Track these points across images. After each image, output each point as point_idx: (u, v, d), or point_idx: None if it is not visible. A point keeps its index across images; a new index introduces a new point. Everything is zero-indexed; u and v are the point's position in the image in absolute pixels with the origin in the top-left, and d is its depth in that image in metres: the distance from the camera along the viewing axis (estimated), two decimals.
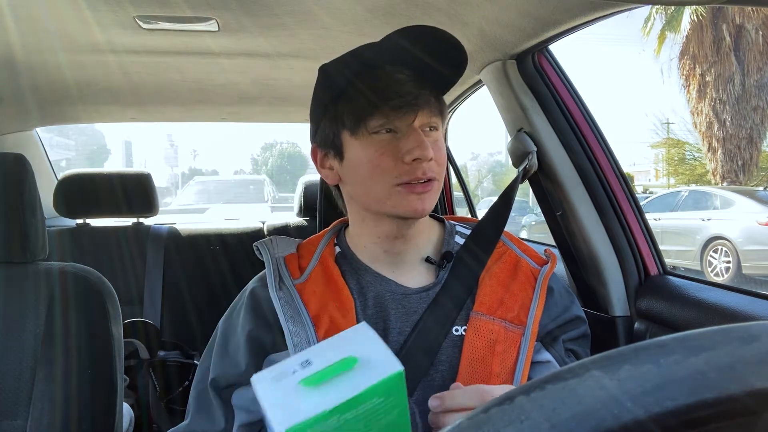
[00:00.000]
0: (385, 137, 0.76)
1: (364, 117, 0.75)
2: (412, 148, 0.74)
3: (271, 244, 0.86)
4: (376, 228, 0.82)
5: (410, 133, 0.75)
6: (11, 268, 1.05)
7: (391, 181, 0.75)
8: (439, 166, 0.78)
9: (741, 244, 7.81)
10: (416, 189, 0.76)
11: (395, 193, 0.76)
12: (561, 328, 0.83)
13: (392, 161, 0.75)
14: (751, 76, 12.14)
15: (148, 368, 1.83)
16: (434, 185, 0.77)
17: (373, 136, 0.76)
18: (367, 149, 0.76)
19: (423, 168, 0.75)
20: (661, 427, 0.24)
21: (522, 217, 12.44)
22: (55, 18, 1.27)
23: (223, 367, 0.81)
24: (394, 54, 0.78)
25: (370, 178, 0.77)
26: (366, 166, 0.77)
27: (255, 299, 0.83)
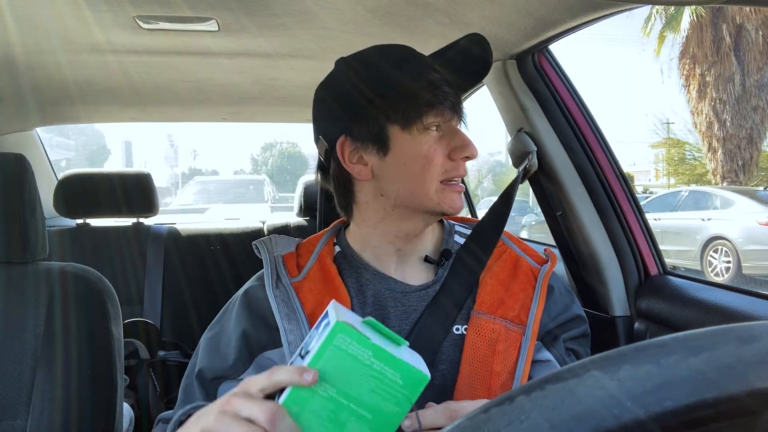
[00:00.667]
0: (436, 134, 0.78)
1: (421, 113, 0.77)
2: (462, 146, 0.78)
3: (270, 242, 0.87)
4: (401, 225, 0.81)
5: (457, 132, 0.80)
6: (11, 268, 1.05)
7: (438, 177, 0.78)
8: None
9: (741, 244, 7.81)
10: (456, 187, 0.79)
11: (440, 189, 0.78)
12: (561, 327, 0.83)
13: (442, 157, 0.78)
14: (751, 76, 12.14)
15: (148, 368, 1.83)
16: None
17: (427, 131, 0.78)
18: (421, 145, 0.77)
19: (464, 167, 0.80)
20: (661, 427, 0.24)
21: (522, 217, 12.44)
22: (55, 18, 1.27)
23: (211, 360, 0.80)
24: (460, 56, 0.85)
25: (421, 173, 0.77)
26: (419, 162, 0.77)
27: (251, 297, 0.83)
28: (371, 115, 0.78)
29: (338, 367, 0.52)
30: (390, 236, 0.82)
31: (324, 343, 0.53)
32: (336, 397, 0.52)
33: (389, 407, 0.53)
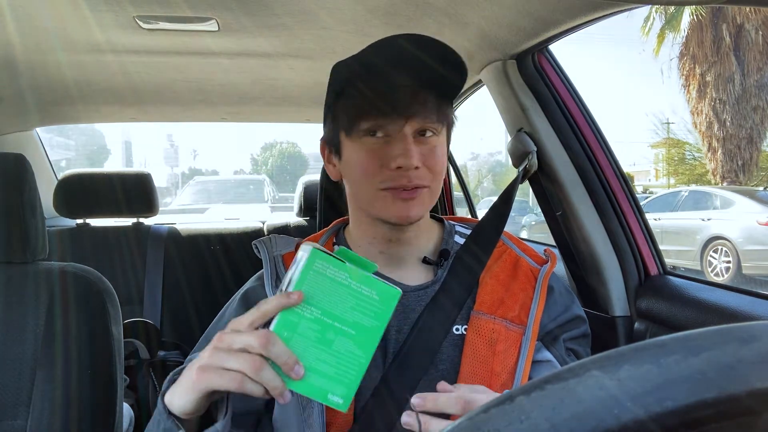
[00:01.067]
0: (374, 141, 0.76)
1: (356, 119, 0.76)
2: (397, 155, 0.73)
3: (270, 242, 0.87)
4: (371, 229, 0.82)
5: (399, 139, 0.75)
6: (11, 268, 1.05)
7: (377, 185, 0.76)
8: (432, 174, 0.76)
9: (741, 244, 7.81)
10: (401, 195, 0.75)
11: (381, 197, 0.76)
12: (562, 327, 0.83)
13: (378, 166, 0.75)
14: (751, 76, 12.14)
15: (148, 368, 1.83)
16: (423, 193, 0.76)
17: (364, 138, 0.76)
18: (358, 151, 0.77)
19: (408, 176, 0.74)
20: (661, 427, 0.24)
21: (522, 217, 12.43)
22: (55, 18, 1.27)
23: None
24: (397, 56, 0.77)
25: (359, 180, 0.78)
26: (356, 168, 0.78)
27: (251, 297, 0.83)
28: (330, 121, 0.82)
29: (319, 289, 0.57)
30: (368, 237, 0.83)
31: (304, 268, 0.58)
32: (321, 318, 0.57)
33: (369, 322, 0.58)
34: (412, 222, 0.78)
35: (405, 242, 0.82)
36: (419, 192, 0.76)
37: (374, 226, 0.82)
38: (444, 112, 0.79)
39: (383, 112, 0.74)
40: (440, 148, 0.79)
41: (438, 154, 0.77)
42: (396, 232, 0.80)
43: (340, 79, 0.80)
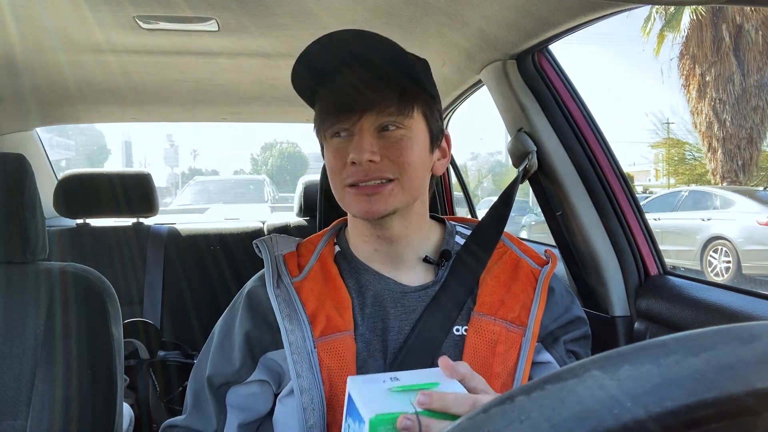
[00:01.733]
0: (337, 141, 0.77)
1: (321, 124, 0.79)
2: (351, 150, 0.75)
3: (271, 242, 0.87)
4: (359, 227, 0.83)
5: (355, 135, 0.76)
6: (11, 268, 1.05)
7: (341, 182, 0.77)
8: (396, 165, 0.75)
9: (741, 244, 7.81)
10: (363, 190, 0.76)
11: (346, 194, 0.78)
12: (562, 328, 0.83)
13: (341, 163, 0.76)
14: (751, 76, 12.14)
15: (148, 368, 1.83)
16: (387, 187, 0.75)
17: (330, 140, 0.78)
18: (327, 152, 0.80)
19: (365, 170, 0.74)
20: (661, 427, 0.24)
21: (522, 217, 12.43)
22: (56, 18, 1.27)
23: (219, 365, 0.81)
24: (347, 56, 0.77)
25: (331, 179, 0.80)
26: (327, 168, 0.80)
27: (253, 298, 0.83)
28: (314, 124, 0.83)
29: None
30: (362, 236, 0.83)
31: None
32: None
33: None
34: (380, 216, 0.77)
35: (395, 240, 0.81)
36: (383, 187, 0.75)
37: (360, 224, 0.83)
38: (407, 105, 0.76)
39: (339, 112, 0.76)
40: (407, 140, 0.76)
41: (404, 146, 0.76)
42: (377, 228, 0.80)
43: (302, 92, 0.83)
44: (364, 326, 0.78)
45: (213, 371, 0.81)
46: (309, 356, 0.75)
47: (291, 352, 0.75)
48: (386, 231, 0.80)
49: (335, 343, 0.76)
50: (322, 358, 0.75)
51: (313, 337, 0.76)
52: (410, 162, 0.76)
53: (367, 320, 0.79)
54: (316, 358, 0.75)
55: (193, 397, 0.83)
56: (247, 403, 0.80)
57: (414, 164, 0.77)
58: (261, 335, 0.80)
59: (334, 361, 0.75)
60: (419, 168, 0.78)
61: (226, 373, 0.80)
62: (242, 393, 0.80)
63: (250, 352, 0.80)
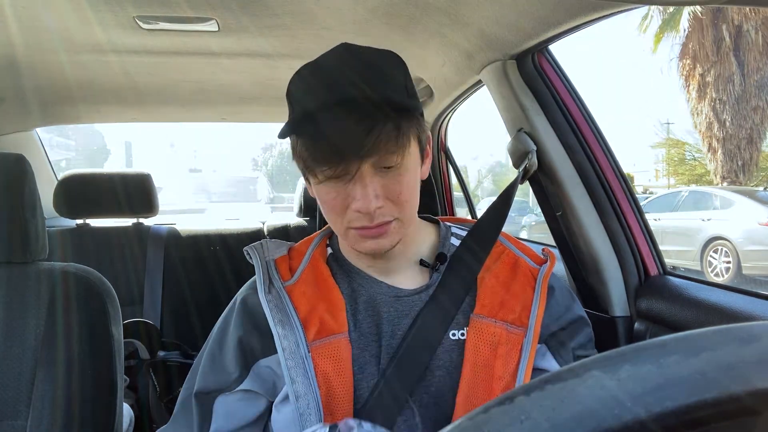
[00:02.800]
0: (334, 182, 0.72)
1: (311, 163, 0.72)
2: (356, 198, 0.71)
3: (261, 247, 0.85)
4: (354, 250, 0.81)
5: (356, 181, 0.71)
6: (12, 268, 1.05)
7: (344, 224, 0.74)
8: (397, 206, 0.73)
9: (741, 244, 7.81)
10: (369, 233, 0.73)
11: (350, 234, 0.75)
12: (566, 330, 0.82)
13: (342, 206, 0.73)
14: (750, 76, 12.15)
15: (148, 368, 1.83)
16: (390, 226, 0.74)
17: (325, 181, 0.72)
18: (320, 190, 0.75)
19: (370, 217, 0.72)
20: (661, 426, 0.24)
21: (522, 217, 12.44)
22: (56, 18, 1.27)
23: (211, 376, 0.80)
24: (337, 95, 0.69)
25: (328, 216, 0.77)
26: (323, 205, 0.76)
27: (245, 305, 0.82)
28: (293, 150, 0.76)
29: None
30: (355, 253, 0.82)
31: None
32: None
33: None
34: (387, 251, 0.76)
35: (392, 256, 0.81)
36: (387, 227, 0.73)
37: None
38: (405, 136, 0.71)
39: (335, 161, 0.69)
40: (405, 176, 0.73)
41: (403, 181, 0.73)
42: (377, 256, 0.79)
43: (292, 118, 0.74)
44: (358, 331, 0.77)
45: (203, 380, 0.81)
46: (303, 361, 0.73)
47: (285, 357, 0.74)
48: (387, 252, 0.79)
49: (330, 346, 0.75)
50: (317, 362, 0.74)
51: (307, 341, 0.75)
52: (409, 198, 0.74)
53: (360, 324, 0.78)
54: (311, 362, 0.74)
55: (181, 405, 0.83)
56: (234, 410, 0.79)
57: (412, 198, 0.75)
58: (254, 342, 0.79)
59: (329, 364, 0.74)
60: (415, 197, 0.77)
61: (217, 381, 0.79)
62: (230, 400, 0.79)
63: (243, 359, 0.79)
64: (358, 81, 0.69)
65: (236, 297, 0.85)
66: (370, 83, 0.69)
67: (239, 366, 0.78)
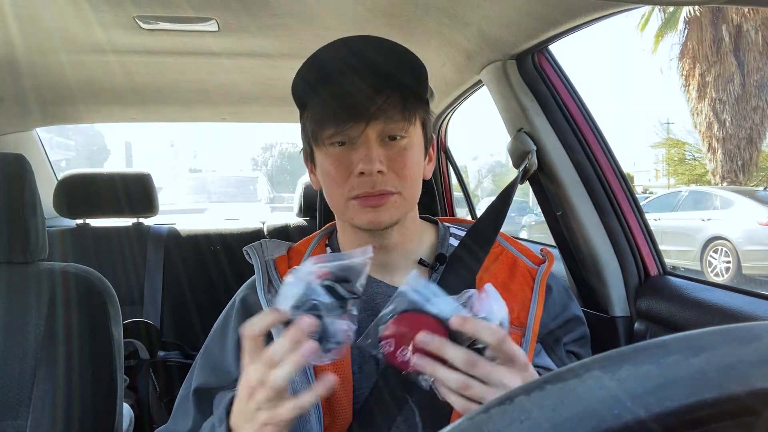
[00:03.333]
0: (339, 149, 0.74)
1: (319, 129, 0.74)
2: (359, 160, 0.72)
3: (261, 247, 0.85)
4: (354, 237, 0.81)
5: (361, 145, 0.73)
6: (12, 268, 1.05)
7: (345, 194, 0.75)
8: (400, 179, 0.74)
9: (741, 244, 7.81)
10: (369, 202, 0.74)
11: (351, 206, 0.75)
12: (562, 328, 0.83)
13: (345, 174, 0.74)
14: (750, 76, 12.15)
15: (148, 368, 1.83)
16: (391, 198, 0.74)
17: (329, 147, 0.75)
18: (325, 160, 0.76)
19: (373, 181, 0.72)
20: (661, 426, 0.24)
21: (522, 217, 12.44)
22: (56, 18, 1.27)
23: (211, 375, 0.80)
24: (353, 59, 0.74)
25: (330, 190, 0.77)
26: (325, 178, 0.77)
27: (245, 305, 0.82)
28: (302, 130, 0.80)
29: None
30: (354, 244, 0.82)
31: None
32: None
33: None
34: (385, 227, 0.77)
35: (392, 248, 0.81)
36: (387, 198, 0.74)
37: (356, 234, 0.81)
38: (411, 112, 0.75)
39: (342, 119, 0.72)
40: (410, 150, 0.76)
41: (407, 156, 0.75)
42: (376, 238, 0.79)
43: (299, 90, 0.79)
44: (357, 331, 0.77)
45: (202, 378, 0.81)
46: None
47: None
48: (385, 240, 0.79)
49: None
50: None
51: None
52: (412, 174, 0.76)
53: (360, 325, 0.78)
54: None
55: (180, 403, 0.83)
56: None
57: (414, 176, 0.77)
58: None
59: (328, 365, 0.74)
60: (418, 178, 0.78)
61: (217, 380, 0.79)
62: (229, 397, 0.79)
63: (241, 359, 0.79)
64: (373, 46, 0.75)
65: (235, 296, 0.85)
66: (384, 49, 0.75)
67: (239, 366, 0.78)
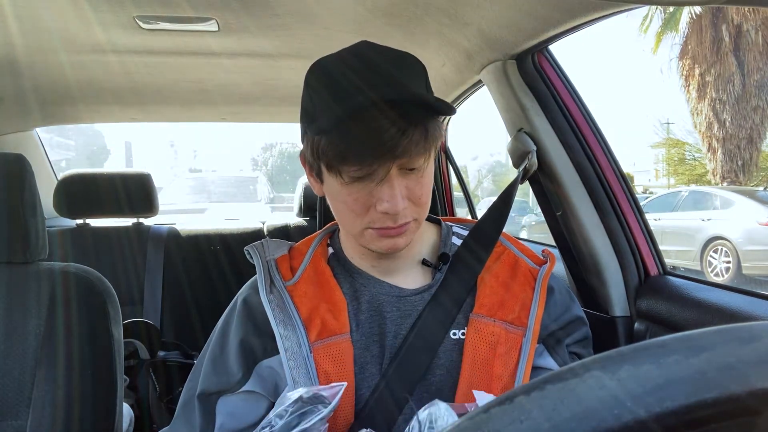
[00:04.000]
0: (359, 184, 0.71)
1: (338, 161, 0.70)
2: (384, 200, 0.70)
3: (262, 247, 0.85)
4: (360, 248, 0.81)
5: (384, 182, 0.70)
6: (12, 268, 1.05)
7: (363, 224, 0.74)
8: (418, 207, 0.74)
9: (741, 244, 7.81)
10: (389, 233, 0.73)
11: (367, 234, 0.74)
12: (564, 329, 0.82)
13: (364, 207, 0.72)
14: (750, 76, 12.15)
15: (148, 368, 1.83)
16: (410, 226, 0.74)
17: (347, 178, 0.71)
18: (341, 190, 0.73)
19: (394, 218, 0.72)
20: (661, 426, 0.24)
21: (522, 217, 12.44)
22: (56, 18, 1.27)
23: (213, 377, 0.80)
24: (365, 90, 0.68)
25: (344, 216, 0.75)
26: (340, 205, 0.75)
27: (246, 305, 0.81)
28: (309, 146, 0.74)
29: None
30: (358, 251, 0.82)
31: None
32: None
33: None
34: (400, 250, 0.77)
35: (396, 255, 0.80)
36: (407, 226, 0.74)
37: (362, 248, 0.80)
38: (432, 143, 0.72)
39: (369, 158, 0.68)
40: (427, 177, 0.74)
41: (424, 183, 0.74)
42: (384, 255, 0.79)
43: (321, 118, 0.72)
44: (360, 332, 0.77)
45: (205, 382, 0.80)
46: (305, 361, 0.73)
47: (287, 358, 0.73)
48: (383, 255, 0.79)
49: (332, 347, 0.75)
50: (318, 363, 0.74)
51: (309, 341, 0.75)
52: (427, 200, 0.75)
53: (362, 325, 0.78)
54: (313, 362, 0.74)
55: (182, 406, 0.82)
56: (237, 410, 0.78)
57: (429, 200, 0.76)
58: (255, 343, 0.78)
59: (331, 365, 0.74)
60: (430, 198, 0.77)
61: (220, 382, 0.79)
62: (232, 401, 0.78)
63: (245, 361, 0.78)
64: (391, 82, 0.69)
65: (237, 297, 0.85)
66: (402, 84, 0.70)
67: (242, 367, 0.78)
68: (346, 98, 0.68)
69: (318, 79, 0.74)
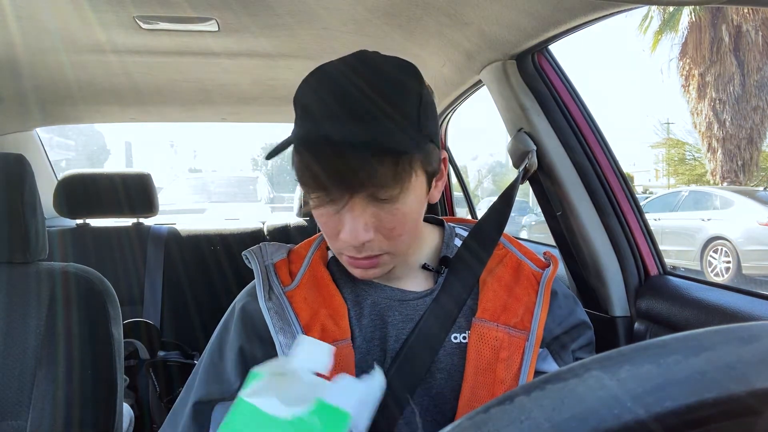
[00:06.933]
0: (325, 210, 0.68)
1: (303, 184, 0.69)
2: (345, 229, 0.68)
3: (260, 251, 0.83)
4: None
5: (346, 211, 0.67)
6: (12, 268, 1.05)
7: (335, 248, 0.73)
8: (389, 240, 0.69)
9: (741, 244, 7.81)
10: (359, 263, 0.71)
11: (343, 258, 0.73)
12: (568, 333, 0.82)
13: (333, 232, 0.70)
14: (750, 76, 12.15)
15: (149, 368, 1.83)
16: (381, 259, 0.71)
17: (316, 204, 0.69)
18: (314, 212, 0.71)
19: (359, 248, 0.69)
20: (661, 426, 0.24)
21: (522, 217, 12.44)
22: (56, 18, 1.27)
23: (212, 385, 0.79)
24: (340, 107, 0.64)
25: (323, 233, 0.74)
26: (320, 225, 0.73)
27: (245, 312, 0.80)
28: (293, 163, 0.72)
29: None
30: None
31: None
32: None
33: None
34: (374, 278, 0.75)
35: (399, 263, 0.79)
36: (378, 258, 0.71)
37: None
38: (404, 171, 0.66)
39: (322, 191, 0.66)
40: (404, 208, 0.68)
41: (399, 216, 0.68)
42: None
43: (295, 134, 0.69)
44: (362, 337, 0.76)
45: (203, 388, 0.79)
46: None
47: None
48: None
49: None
50: None
51: None
52: (403, 233, 0.71)
53: (364, 330, 0.77)
54: None
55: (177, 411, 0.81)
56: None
57: (408, 232, 0.72)
58: (255, 351, 0.77)
59: (332, 372, 0.74)
60: (413, 230, 0.73)
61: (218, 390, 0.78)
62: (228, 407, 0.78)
63: (244, 368, 0.76)
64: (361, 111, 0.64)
65: (235, 303, 0.83)
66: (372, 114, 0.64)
67: (240, 375, 0.76)
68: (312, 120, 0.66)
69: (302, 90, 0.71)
